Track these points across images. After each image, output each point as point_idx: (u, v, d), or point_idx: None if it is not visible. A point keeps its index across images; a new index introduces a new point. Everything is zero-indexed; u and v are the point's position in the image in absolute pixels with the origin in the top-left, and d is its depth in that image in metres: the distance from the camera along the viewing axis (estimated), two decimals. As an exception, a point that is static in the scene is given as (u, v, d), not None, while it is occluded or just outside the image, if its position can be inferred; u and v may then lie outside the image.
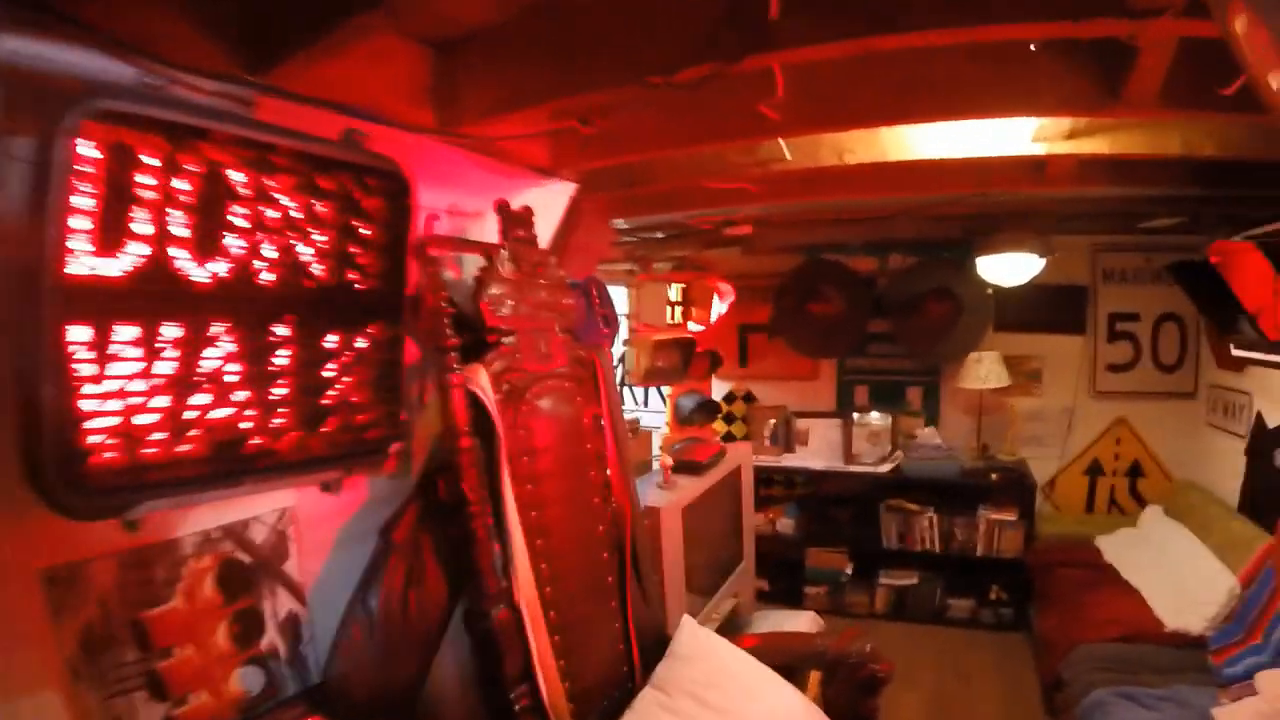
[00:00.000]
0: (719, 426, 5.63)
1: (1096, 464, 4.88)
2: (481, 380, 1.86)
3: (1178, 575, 3.69)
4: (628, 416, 5.75)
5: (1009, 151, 2.36)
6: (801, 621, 3.82)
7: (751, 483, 4.20)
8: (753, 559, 4.30)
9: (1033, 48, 1.73)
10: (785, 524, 5.01)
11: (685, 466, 3.50)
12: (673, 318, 4.96)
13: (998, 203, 3.52)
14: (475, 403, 1.87)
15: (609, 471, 2.33)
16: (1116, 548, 4.24)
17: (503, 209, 2.13)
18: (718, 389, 5.68)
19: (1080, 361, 4.85)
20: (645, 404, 6.35)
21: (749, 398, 5.64)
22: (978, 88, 1.87)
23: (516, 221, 2.16)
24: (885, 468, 4.79)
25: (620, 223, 3.90)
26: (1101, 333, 4.80)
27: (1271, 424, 3.74)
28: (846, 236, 4.84)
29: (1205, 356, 4.66)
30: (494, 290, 1.97)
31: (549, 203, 2.71)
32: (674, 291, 4.73)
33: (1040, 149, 2.32)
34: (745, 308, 5.26)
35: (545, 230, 2.65)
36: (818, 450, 5.12)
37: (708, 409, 5.19)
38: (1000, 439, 4.90)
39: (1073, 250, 4.65)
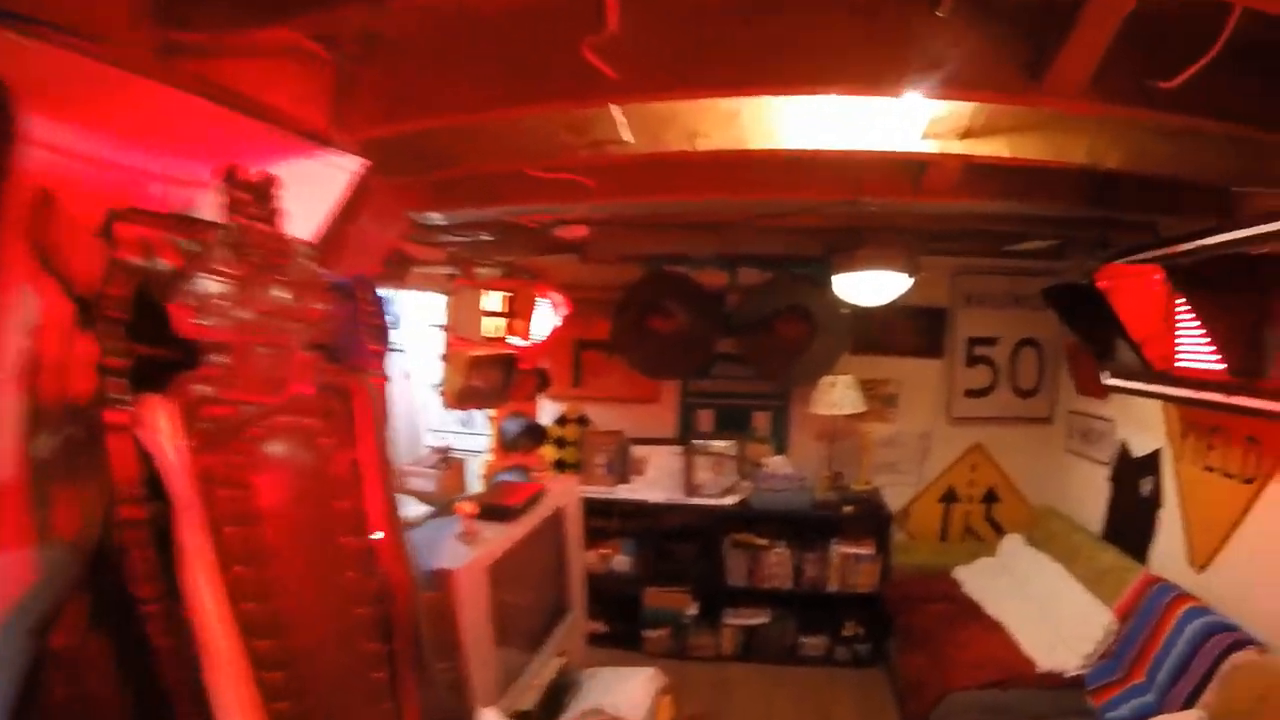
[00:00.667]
0: (548, 453, 5.23)
1: (952, 491, 4.94)
2: (157, 420, 1.33)
3: (1047, 609, 3.67)
4: (439, 442, 5.45)
5: (892, 147, 2.11)
6: (638, 683, 3.55)
7: (580, 521, 3.84)
8: (583, 606, 3.94)
9: (940, 13, 1.48)
10: (621, 561, 4.72)
11: (493, 513, 3.06)
12: (494, 331, 4.60)
13: (863, 215, 3.35)
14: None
15: (374, 535, 1.82)
16: (977, 579, 4.26)
17: (230, 176, 1.56)
18: (549, 411, 5.29)
19: (938, 386, 4.90)
20: (469, 427, 5.88)
21: (583, 421, 5.27)
22: (864, 53, 1.58)
23: (250, 195, 1.59)
24: (730, 500, 4.61)
25: (436, 218, 3.50)
26: (960, 357, 4.85)
27: (1137, 452, 3.79)
28: (695, 247, 4.60)
29: (1064, 382, 4.76)
30: (201, 287, 1.43)
31: (322, 180, 2.22)
32: (495, 300, 4.36)
33: (931, 147, 2.08)
34: (582, 322, 4.95)
35: (312, 214, 2.17)
36: (656, 480, 4.88)
37: (533, 434, 4.82)
38: (854, 467, 4.82)
39: (934, 271, 4.61)
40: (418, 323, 5.04)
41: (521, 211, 3.49)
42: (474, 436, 5.48)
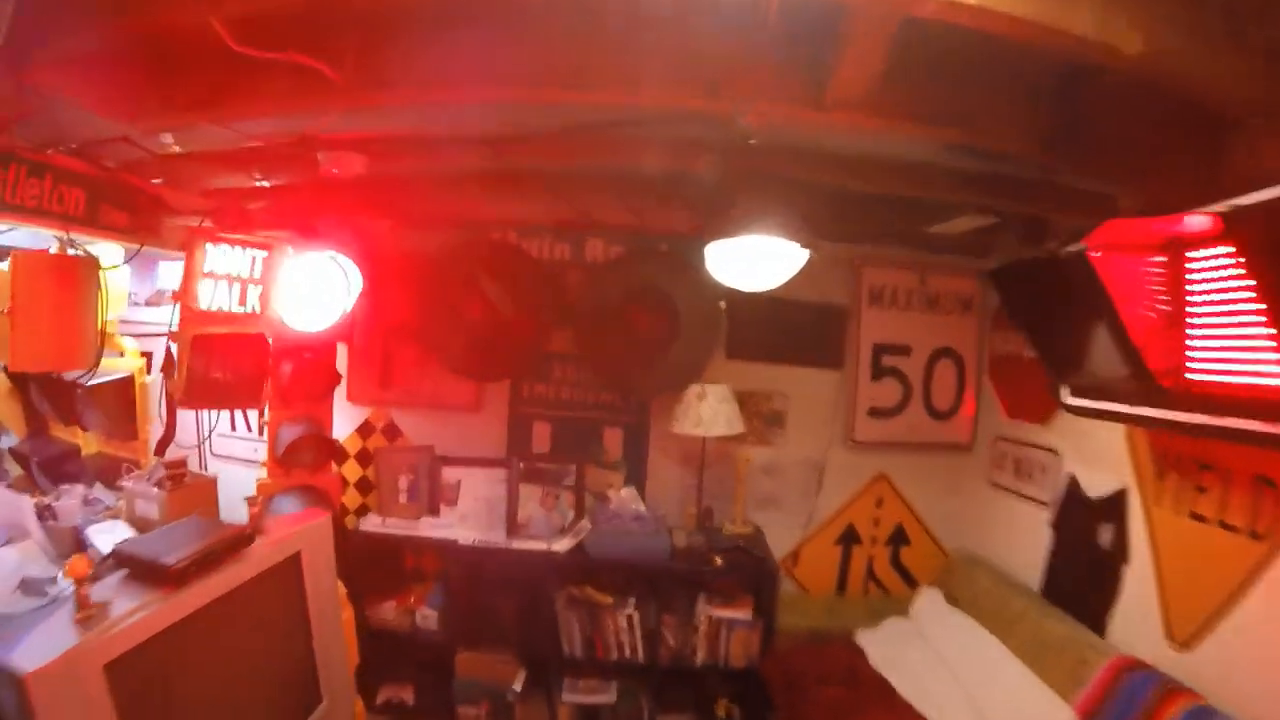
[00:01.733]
0: (349, 471, 4.41)
1: (852, 530, 4.32)
2: None
3: (980, 697, 3.05)
4: (176, 453, 4.29)
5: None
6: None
7: (331, 574, 2.93)
8: (348, 689, 2.99)
9: None
10: (428, 615, 3.90)
11: (144, 572, 2.19)
12: (241, 304, 3.81)
13: (742, 154, 2.58)
14: None
15: None
16: (885, 647, 3.66)
17: None
18: (351, 416, 4.45)
19: (835, 402, 4.24)
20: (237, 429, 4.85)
21: (393, 432, 4.44)
22: None
23: None
24: (564, 544, 3.79)
25: (169, 140, 2.77)
26: (864, 368, 4.20)
27: (1093, 492, 3.19)
28: (533, 211, 3.91)
29: (987, 403, 4.20)
30: None
31: None
32: (241, 261, 3.55)
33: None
34: (395, 302, 4.14)
35: None
36: (473, 513, 4.08)
37: (318, 445, 4.09)
38: (728, 502, 4.08)
39: (834, 261, 4.04)
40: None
41: (254, 130, 2.78)
42: (243, 443, 4.60)
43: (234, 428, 4.64)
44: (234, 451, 4.66)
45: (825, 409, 4.27)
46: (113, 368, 4.35)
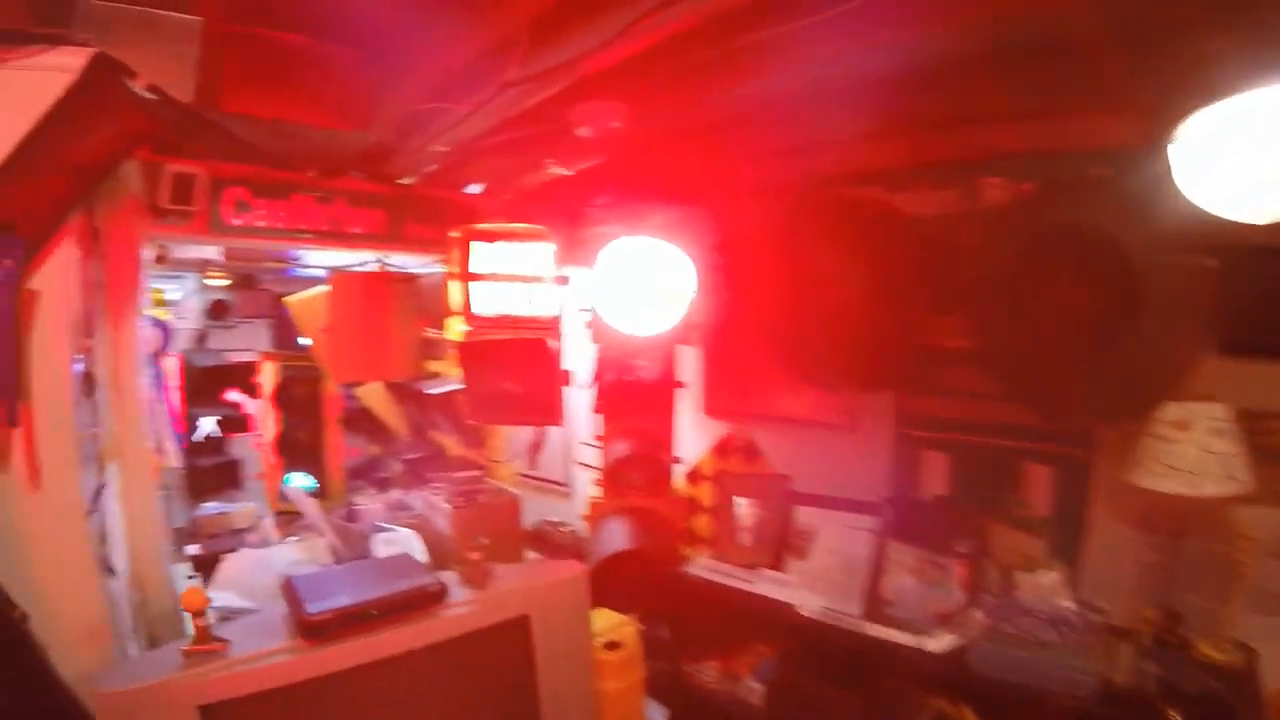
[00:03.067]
0: (699, 493, 3.99)
1: None
2: None
3: None
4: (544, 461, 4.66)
5: None
6: None
7: (581, 646, 2.56)
8: None
9: None
10: (753, 689, 3.39)
11: (291, 612, 2.11)
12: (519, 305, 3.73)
13: None
14: None
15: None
16: None
17: None
18: (708, 432, 4.02)
19: None
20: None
21: (754, 452, 3.86)
22: None
23: None
24: (941, 641, 2.80)
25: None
26: None
27: None
28: (899, 149, 3.11)
29: None
30: None
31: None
32: (515, 256, 3.57)
33: None
34: (746, 294, 3.51)
35: None
36: (824, 573, 3.32)
37: (649, 467, 3.79)
38: (1212, 600, 2.63)
39: None
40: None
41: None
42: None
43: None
44: (590, 460, 4.60)
45: None
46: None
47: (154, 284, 5.49)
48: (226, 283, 6.08)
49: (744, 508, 3.62)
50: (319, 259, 4.37)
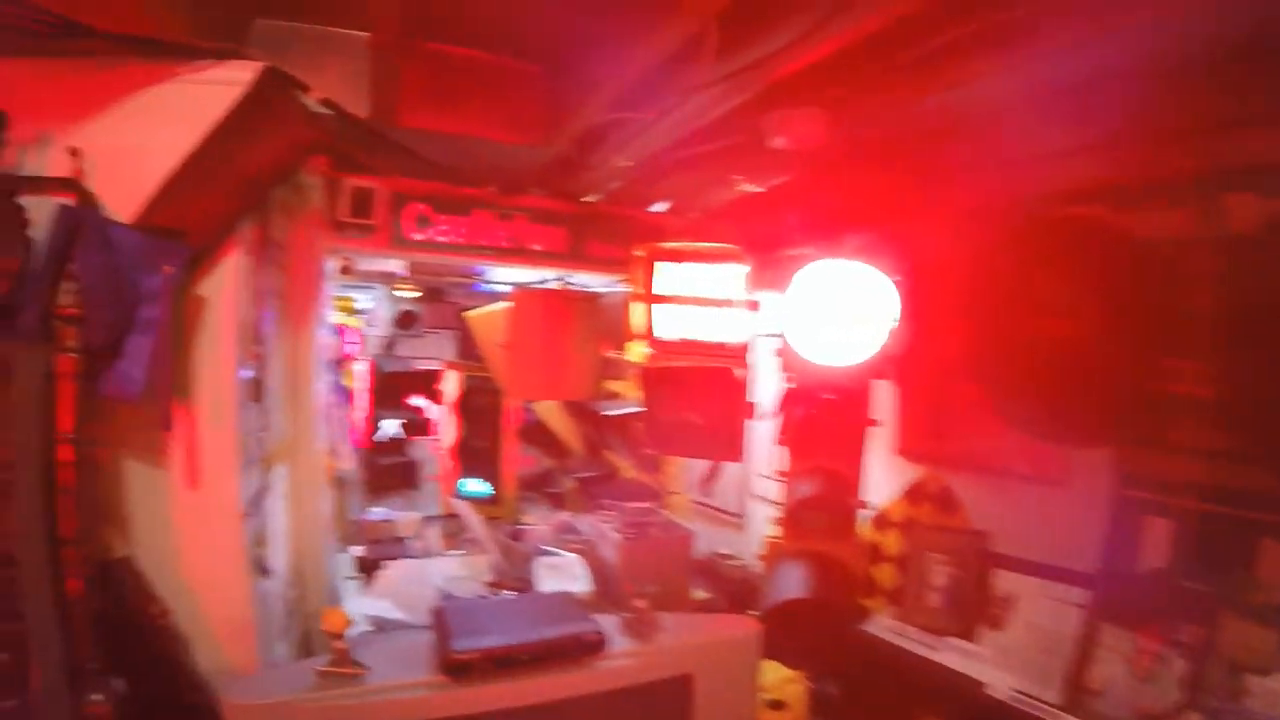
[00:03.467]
0: (891, 544, 3.71)
1: None
2: None
3: None
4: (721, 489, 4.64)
5: None
6: None
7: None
8: None
9: None
10: None
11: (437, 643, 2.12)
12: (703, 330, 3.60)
13: None
14: None
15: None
16: None
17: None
18: (900, 474, 3.78)
19: None
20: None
21: (947, 502, 3.54)
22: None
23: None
24: None
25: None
26: None
27: None
28: (1128, 162, 2.74)
29: None
30: None
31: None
32: (698, 278, 3.42)
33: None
34: (946, 325, 3.33)
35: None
36: (1020, 650, 3.05)
37: (834, 510, 3.56)
38: None
39: None
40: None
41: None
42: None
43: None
44: (767, 492, 4.45)
45: None
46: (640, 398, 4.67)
47: (345, 293, 5.92)
48: (415, 295, 6.50)
49: (935, 564, 3.36)
50: (502, 275, 4.49)
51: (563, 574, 3.35)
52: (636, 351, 4.35)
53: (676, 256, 3.49)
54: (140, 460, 2.13)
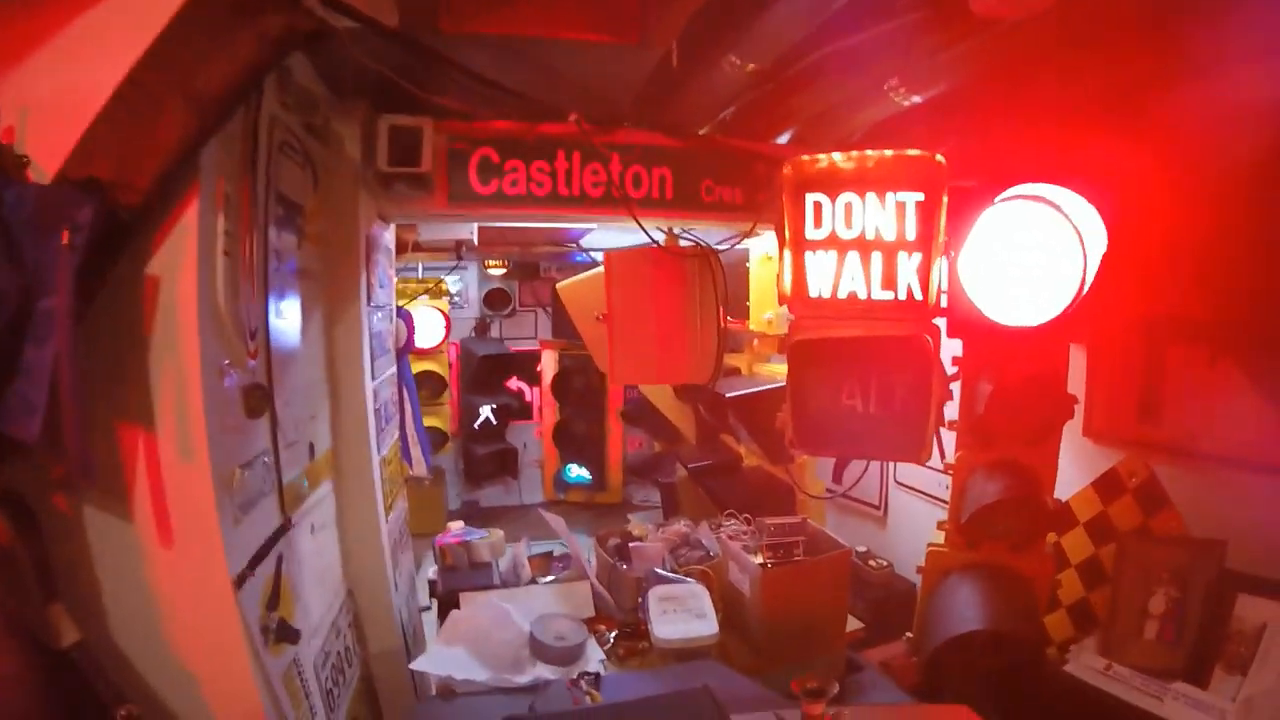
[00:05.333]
0: (1074, 549, 3.05)
1: None
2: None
3: None
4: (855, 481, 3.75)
5: None
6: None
7: None
8: None
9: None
10: None
11: None
12: (886, 286, 2.47)
13: None
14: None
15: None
16: None
17: None
18: (1085, 459, 3.08)
19: None
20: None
21: (1157, 499, 2.82)
22: None
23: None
24: None
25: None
26: None
27: None
28: None
29: None
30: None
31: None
32: (882, 217, 2.27)
33: None
34: (1160, 271, 2.68)
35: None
36: (1270, 699, 2.26)
37: (1027, 515, 2.75)
38: None
39: None
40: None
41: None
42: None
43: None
44: (920, 481, 3.72)
45: None
46: (769, 375, 3.87)
47: (435, 273, 5.46)
48: (502, 271, 6.02)
49: (1152, 583, 2.58)
50: (598, 240, 3.78)
51: (684, 610, 2.62)
52: (764, 318, 3.63)
53: (836, 183, 2.38)
54: (100, 510, 1.51)
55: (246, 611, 1.60)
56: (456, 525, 3.15)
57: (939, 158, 2.09)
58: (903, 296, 2.19)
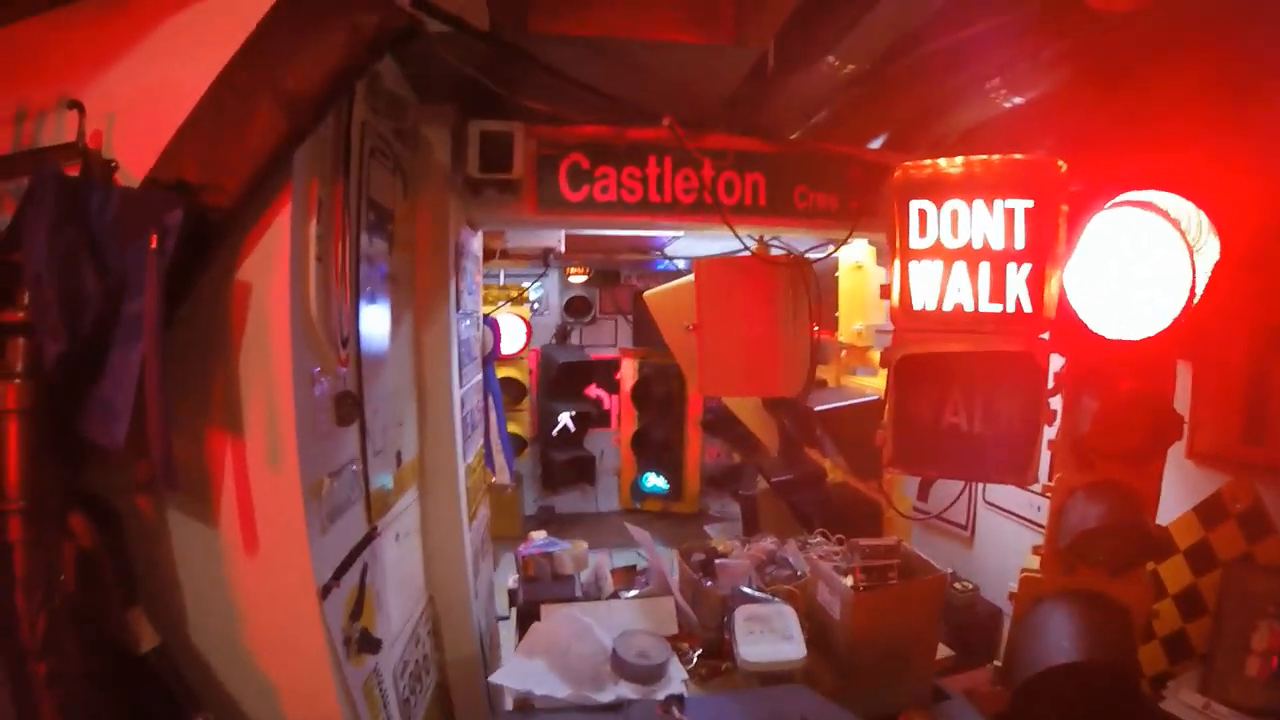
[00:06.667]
0: (1172, 578, 2.80)
1: None
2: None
3: None
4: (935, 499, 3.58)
5: None
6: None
7: None
8: None
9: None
10: None
11: None
12: (995, 299, 2.27)
13: None
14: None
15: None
16: None
17: None
18: (1188, 481, 2.85)
19: None
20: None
21: (1259, 523, 2.61)
22: None
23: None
24: None
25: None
26: None
27: None
28: None
29: None
30: None
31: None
32: (991, 225, 2.09)
33: None
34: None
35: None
36: None
37: (1130, 540, 2.55)
38: None
39: None
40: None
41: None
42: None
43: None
44: (1011, 502, 3.51)
45: None
46: (858, 388, 3.72)
47: (517, 280, 5.45)
48: (584, 278, 5.99)
49: (1253, 616, 2.39)
50: (683, 248, 3.68)
51: (770, 631, 2.50)
52: (860, 330, 3.53)
53: (943, 188, 2.19)
54: (184, 515, 1.48)
55: (330, 623, 1.55)
56: (539, 535, 3.05)
57: (1060, 163, 1.93)
58: (1011, 309, 2.04)
